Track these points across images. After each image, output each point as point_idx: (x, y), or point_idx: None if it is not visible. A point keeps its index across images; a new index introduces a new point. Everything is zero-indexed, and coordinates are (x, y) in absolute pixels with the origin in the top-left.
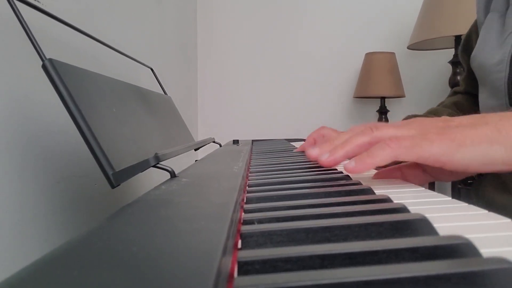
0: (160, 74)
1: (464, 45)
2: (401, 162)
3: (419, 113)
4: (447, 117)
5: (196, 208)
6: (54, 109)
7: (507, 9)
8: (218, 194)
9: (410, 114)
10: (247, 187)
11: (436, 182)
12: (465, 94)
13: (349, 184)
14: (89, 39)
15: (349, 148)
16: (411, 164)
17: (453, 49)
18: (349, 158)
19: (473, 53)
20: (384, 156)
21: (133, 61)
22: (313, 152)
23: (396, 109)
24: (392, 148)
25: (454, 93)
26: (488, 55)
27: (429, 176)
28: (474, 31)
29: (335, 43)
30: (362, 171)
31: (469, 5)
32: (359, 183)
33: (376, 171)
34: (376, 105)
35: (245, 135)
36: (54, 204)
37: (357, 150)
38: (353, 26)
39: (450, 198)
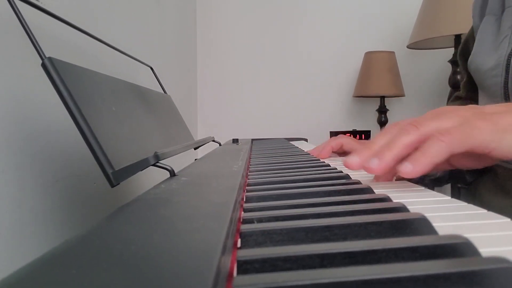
0: (159, 73)
1: (462, 50)
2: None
3: (419, 115)
4: (477, 105)
5: (195, 207)
6: (54, 108)
7: (502, 12)
8: (217, 193)
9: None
10: (246, 186)
11: None
12: (467, 100)
13: (348, 183)
14: (89, 38)
15: (396, 150)
16: None
17: (453, 48)
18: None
19: (470, 58)
20: (440, 152)
21: (132, 60)
22: (353, 160)
23: (395, 109)
24: (447, 143)
25: (456, 98)
26: (484, 59)
27: (448, 165)
28: (471, 36)
29: (334, 43)
30: (420, 173)
31: (469, 4)
32: (358, 182)
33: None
34: (376, 104)
35: (245, 134)
36: (53, 203)
37: (405, 152)
38: (353, 25)
39: (450, 198)
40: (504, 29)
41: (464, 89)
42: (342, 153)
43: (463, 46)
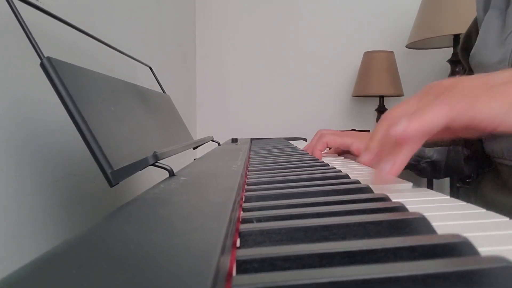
0: (158, 72)
1: (464, 43)
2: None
3: None
4: (487, 75)
5: (194, 207)
6: (52, 108)
7: (507, 7)
8: (216, 193)
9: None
10: (245, 185)
11: (434, 182)
12: None
13: (347, 183)
14: (88, 38)
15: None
16: None
17: (452, 48)
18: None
19: (472, 51)
20: (438, 118)
21: (131, 59)
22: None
23: None
24: (447, 111)
25: None
26: (488, 54)
27: (447, 132)
28: (474, 29)
29: (334, 42)
30: (413, 133)
31: (468, 4)
32: (357, 182)
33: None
34: (375, 104)
35: (244, 134)
36: (52, 203)
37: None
38: (352, 25)
39: (449, 197)
40: (509, 24)
41: None
42: (330, 148)
43: (465, 38)
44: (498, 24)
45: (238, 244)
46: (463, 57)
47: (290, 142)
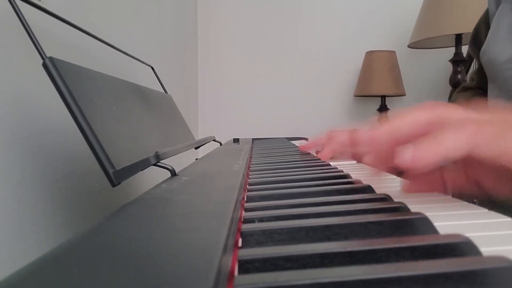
0: (160, 72)
1: (473, 37)
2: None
3: None
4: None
5: (196, 207)
6: (55, 107)
7: None
8: (218, 193)
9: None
10: (247, 185)
11: None
12: (479, 90)
13: (349, 183)
14: (90, 38)
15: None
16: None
17: (454, 47)
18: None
19: (483, 48)
20: (457, 142)
21: (133, 59)
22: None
23: (396, 108)
24: (470, 133)
25: (464, 89)
26: (498, 51)
27: (474, 184)
28: (483, 23)
29: (335, 42)
30: (423, 163)
31: (470, 3)
32: (359, 182)
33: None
34: (377, 103)
35: (246, 134)
36: (54, 202)
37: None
38: (354, 25)
39: (451, 197)
40: None
41: (476, 77)
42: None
43: (474, 32)
44: (509, 20)
45: (240, 244)
46: (473, 52)
47: (292, 142)
